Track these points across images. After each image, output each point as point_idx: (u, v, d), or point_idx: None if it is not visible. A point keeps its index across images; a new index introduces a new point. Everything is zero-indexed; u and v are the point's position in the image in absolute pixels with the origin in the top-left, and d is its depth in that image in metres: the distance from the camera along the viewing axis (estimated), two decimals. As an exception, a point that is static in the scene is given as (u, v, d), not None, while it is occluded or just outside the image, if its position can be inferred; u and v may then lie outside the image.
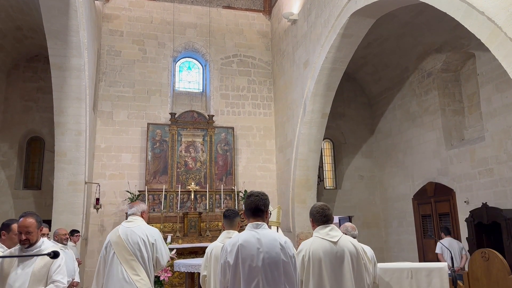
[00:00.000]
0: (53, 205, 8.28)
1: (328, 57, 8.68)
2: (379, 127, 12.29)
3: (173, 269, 6.68)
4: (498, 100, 8.12)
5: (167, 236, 7.97)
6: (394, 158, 11.49)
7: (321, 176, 12.04)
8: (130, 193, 9.91)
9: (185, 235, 9.48)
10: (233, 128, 11.37)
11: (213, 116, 11.22)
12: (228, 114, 11.72)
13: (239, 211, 6.00)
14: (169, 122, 10.77)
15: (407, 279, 4.22)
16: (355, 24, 7.96)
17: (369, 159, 12.51)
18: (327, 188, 12.26)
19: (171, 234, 8.83)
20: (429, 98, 10.04)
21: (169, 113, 10.90)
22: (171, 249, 7.02)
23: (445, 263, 4.40)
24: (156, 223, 9.44)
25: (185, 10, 11.99)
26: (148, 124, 10.63)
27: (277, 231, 5.10)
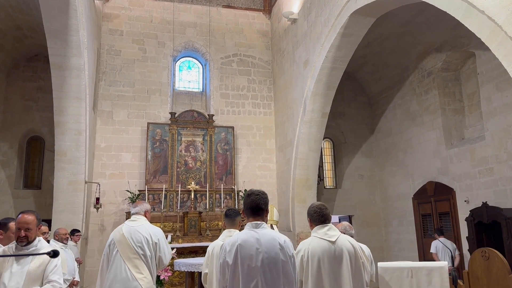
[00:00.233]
0: (53, 205, 8.30)
1: (328, 56, 8.68)
2: (379, 127, 12.28)
3: (173, 269, 6.68)
4: (498, 99, 8.12)
5: (167, 236, 7.95)
6: (394, 158, 11.48)
7: (321, 176, 12.04)
8: (130, 193, 9.91)
9: (185, 235, 9.49)
10: (233, 128, 11.37)
11: (213, 116, 11.22)
12: (228, 114, 11.71)
13: (240, 210, 6.00)
14: (169, 122, 10.77)
15: (408, 278, 4.22)
16: (355, 23, 7.96)
17: (369, 159, 12.50)
18: (327, 188, 12.26)
19: (171, 234, 8.83)
20: (429, 97, 10.03)
21: (169, 113, 10.90)
22: (171, 249, 7.04)
23: (445, 262, 4.40)
24: (156, 223, 9.42)
25: (185, 10, 11.98)
26: (148, 124, 10.64)
27: (272, 229, 5.09)
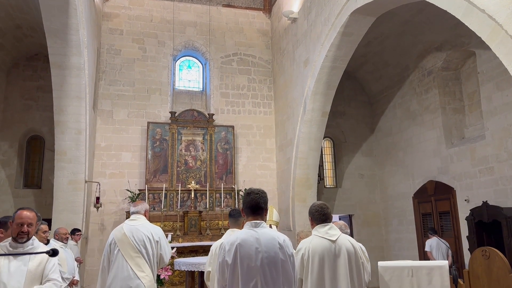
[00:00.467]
0: (53, 204, 8.30)
1: (328, 56, 8.68)
2: (379, 126, 12.27)
3: (174, 268, 6.68)
4: (499, 99, 8.11)
5: (168, 235, 7.93)
6: (394, 157, 11.47)
7: (321, 175, 12.03)
8: (130, 192, 9.91)
9: (185, 234, 9.49)
10: (233, 127, 11.36)
11: (213, 115, 11.21)
12: (228, 113, 11.71)
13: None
14: (169, 121, 10.76)
15: (408, 277, 4.22)
16: (355, 23, 7.95)
17: (369, 158, 12.50)
18: (327, 187, 12.25)
19: (172, 233, 8.82)
20: (430, 97, 10.02)
21: (169, 112, 10.89)
22: (172, 248, 7.04)
23: (446, 262, 4.40)
24: (157, 222, 9.41)
25: (185, 9, 11.97)
26: (148, 123, 10.63)
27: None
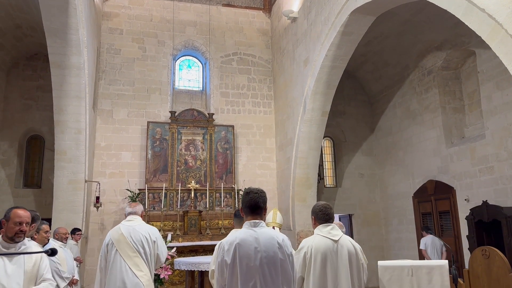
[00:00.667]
0: (53, 204, 8.30)
1: (328, 55, 8.67)
2: (379, 125, 12.27)
3: (173, 267, 6.68)
4: (499, 98, 8.11)
5: (168, 235, 7.96)
6: (394, 156, 11.47)
7: (321, 174, 12.03)
8: (130, 192, 9.91)
9: (185, 234, 9.48)
10: (233, 126, 11.35)
11: (213, 115, 11.21)
12: (228, 112, 11.70)
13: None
14: (169, 121, 10.76)
15: (408, 277, 4.22)
16: (355, 22, 7.94)
17: (369, 157, 12.50)
18: (327, 186, 12.25)
19: (171, 233, 8.82)
20: (430, 96, 10.02)
21: (169, 112, 10.89)
22: (172, 247, 7.05)
23: (446, 261, 4.40)
24: (156, 222, 9.45)
25: (185, 8, 11.96)
26: (148, 123, 10.62)
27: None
